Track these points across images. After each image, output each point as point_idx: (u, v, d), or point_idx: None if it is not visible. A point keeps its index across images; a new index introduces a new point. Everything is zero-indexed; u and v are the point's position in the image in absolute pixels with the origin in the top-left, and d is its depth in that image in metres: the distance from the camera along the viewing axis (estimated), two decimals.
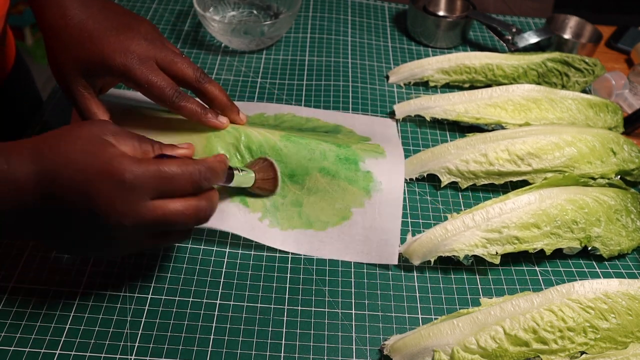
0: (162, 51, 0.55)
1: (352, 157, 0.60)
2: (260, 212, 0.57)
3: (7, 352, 0.46)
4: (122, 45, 0.52)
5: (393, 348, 0.48)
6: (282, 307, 0.52)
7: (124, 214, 0.42)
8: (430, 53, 0.87)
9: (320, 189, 0.58)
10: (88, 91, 0.54)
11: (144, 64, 0.53)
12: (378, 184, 0.59)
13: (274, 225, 0.57)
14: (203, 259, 0.55)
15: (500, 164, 0.62)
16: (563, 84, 0.79)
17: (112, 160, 0.41)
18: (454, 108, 0.71)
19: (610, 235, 0.58)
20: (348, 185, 0.58)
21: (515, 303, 0.49)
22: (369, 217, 0.57)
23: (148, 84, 0.53)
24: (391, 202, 0.58)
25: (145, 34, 0.55)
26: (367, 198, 0.58)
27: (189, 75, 0.56)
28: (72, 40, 0.52)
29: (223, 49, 0.82)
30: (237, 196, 0.57)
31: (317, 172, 0.58)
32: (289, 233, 0.57)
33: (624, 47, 0.93)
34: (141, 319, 0.49)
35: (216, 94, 0.57)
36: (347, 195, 0.58)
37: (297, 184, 0.58)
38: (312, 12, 0.91)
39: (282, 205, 0.58)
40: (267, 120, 0.68)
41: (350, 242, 0.57)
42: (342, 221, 0.57)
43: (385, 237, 0.57)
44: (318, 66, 0.80)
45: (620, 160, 0.65)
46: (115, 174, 0.41)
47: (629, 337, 0.49)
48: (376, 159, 0.61)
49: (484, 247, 0.55)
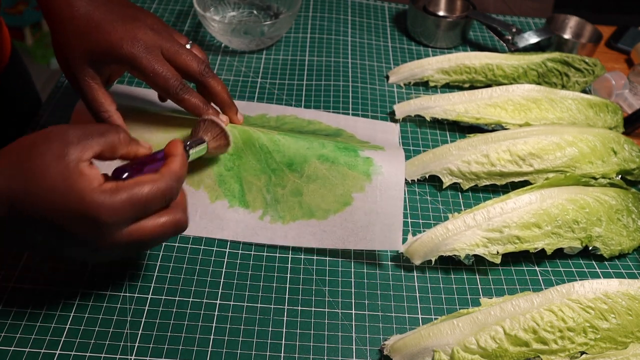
0: (168, 41, 0.55)
1: (351, 147, 0.60)
2: (261, 210, 0.57)
3: (7, 352, 0.46)
4: (129, 34, 0.52)
5: (393, 348, 0.48)
6: (282, 307, 0.52)
7: (101, 245, 0.42)
8: (430, 53, 0.87)
9: (320, 176, 0.58)
10: (95, 81, 0.54)
11: (150, 52, 0.53)
12: (378, 168, 0.58)
13: (275, 220, 0.57)
14: (203, 259, 0.55)
15: (502, 164, 0.62)
16: (563, 84, 0.79)
17: (84, 198, 0.40)
18: (454, 108, 0.71)
19: (611, 235, 0.58)
20: (348, 170, 0.58)
21: (515, 303, 0.49)
22: (371, 200, 0.57)
23: (153, 73, 0.53)
24: (393, 185, 0.57)
25: (151, 24, 0.55)
26: (368, 182, 0.57)
27: (193, 68, 0.56)
28: (79, 30, 0.52)
29: (223, 49, 0.82)
30: (235, 199, 0.57)
31: (315, 159, 0.58)
32: (290, 226, 0.56)
33: (624, 47, 0.93)
34: (141, 319, 0.49)
35: (218, 89, 0.57)
36: (348, 180, 0.57)
37: (296, 172, 0.58)
38: (312, 12, 0.91)
39: (283, 196, 0.57)
40: (268, 121, 0.68)
41: (353, 229, 0.56)
42: (343, 207, 0.57)
43: (388, 221, 0.56)
44: (318, 66, 0.80)
45: (621, 160, 0.65)
46: (90, 214, 0.40)
47: (629, 337, 0.49)
48: (375, 150, 0.61)
49: (485, 247, 0.55)
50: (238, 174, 0.58)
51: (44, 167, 0.40)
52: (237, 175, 0.58)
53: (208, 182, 0.58)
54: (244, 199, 0.57)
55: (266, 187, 0.58)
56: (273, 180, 0.58)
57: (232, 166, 0.58)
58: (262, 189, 0.58)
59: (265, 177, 0.58)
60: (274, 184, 0.58)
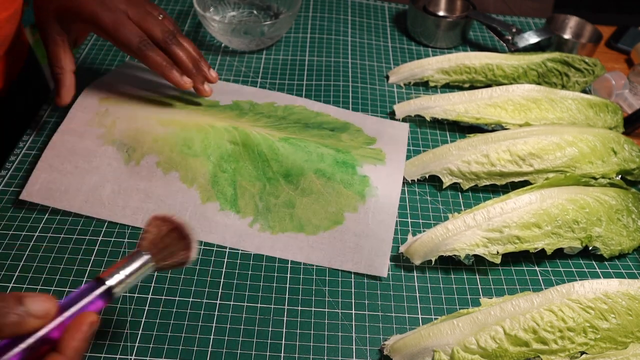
0: (135, 7, 0.59)
1: (350, 162, 0.59)
2: (252, 216, 0.57)
3: None
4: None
5: (393, 348, 0.48)
6: (282, 307, 0.52)
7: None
8: (430, 53, 0.87)
9: (315, 191, 0.57)
10: (61, 37, 0.59)
11: (113, 13, 0.57)
12: (374, 189, 0.58)
13: (264, 229, 0.56)
14: (203, 259, 0.55)
15: (502, 164, 0.62)
16: (563, 84, 0.79)
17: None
18: (454, 108, 0.71)
19: (611, 235, 0.58)
20: (343, 188, 0.58)
21: (515, 303, 0.49)
22: (362, 222, 0.56)
23: (114, 30, 0.57)
24: (386, 208, 0.58)
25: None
26: (362, 203, 0.57)
27: (157, 34, 0.59)
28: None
29: (223, 49, 0.82)
30: (226, 203, 0.57)
31: (312, 172, 0.58)
32: (279, 237, 0.56)
33: (624, 47, 0.93)
34: (141, 319, 0.49)
35: (180, 57, 0.60)
36: (342, 199, 0.57)
37: (291, 184, 0.58)
38: (312, 12, 0.91)
39: (275, 206, 0.57)
40: (275, 110, 0.67)
41: (341, 248, 0.55)
42: (334, 225, 0.56)
43: (376, 246, 0.55)
44: (318, 66, 0.80)
45: (621, 160, 0.65)
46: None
47: (629, 337, 0.49)
48: (375, 166, 0.60)
49: (485, 247, 0.55)
50: (233, 177, 0.58)
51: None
52: (231, 178, 0.58)
53: (201, 181, 0.58)
54: (236, 203, 0.57)
55: (260, 194, 0.58)
56: (267, 188, 0.58)
57: (228, 169, 0.58)
58: (255, 196, 0.57)
59: (260, 185, 0.58)
60: (268, 192, 0.58)
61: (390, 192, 0.59)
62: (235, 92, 0.71)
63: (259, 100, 0.69)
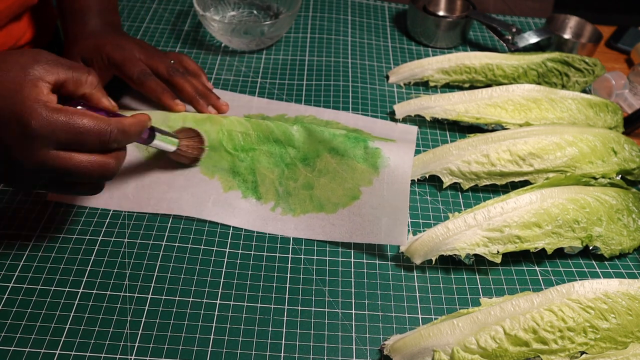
0: (146, 51, 0.65)
1: (362, 138, 0.61)
2: (273, 201, 0.59)
3: (7, 352, 0.46)
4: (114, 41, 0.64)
5: (393, 348, 0.48)
6: (282, 307, 0.52)
7: (25, 158, 0.43)
8: (430, 53, 0.87)
9: (330, 170, 0.59)
10: None
11: (125, 51, 0.63)
12: (386, 160, 0.59)
13: (286, 212, 0.58)
14: (203, 259, 0.55)
15: (502, 164, 0.62)
16: (563, 84, 0.79)
17: (24, 103, 0.42)
18: (454, 108, 0.71)
19: (611, 234, 0.58)
20: (357, 163, 0.59)
21: (515, 303, 0.49)
22: (378, 194, 0.58)
23: (122, 65, 0.62)
24: (399, 177, 0.58)
25: (140, 42, 0.66)
26: (376, 175, 0.58)
27: (161, 70, 0.65)
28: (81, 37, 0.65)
29: (223, 49, 0.82)
30: (248, 190, 0.59)
31: (327, 152, 0.60)
32: (300, 219, 0.58)
33: (624, 47, 0.93)
34: (141, 319, 0.49)
35: (182, 85, 0.65)
36: (356, 174, 0.59)
37: (308, 166, 0.60)
38: (312, 12, 0.91)
39: (294, 189, 0.59)
40: (286, 122, 0.69)
41: (361, 222, 0.57)
42: (351, 201, 0.58)
43: (393, 216, 0.57)
44: (318, 66, 0.80)
45: (622, 160, 0.65)
46: (23, 118, 0.41)
47: (629, 337, 0.49)
48: (385, 142, 0.61)
49: (486, 246, 0.55)
50: (252, 166, 0.60)
51: (6, 70, 0.43)
52: (250, 167, 0.60)
53: (222, 172, 0.60)
54: (257, 190, 0.59)
55: (279, 180, 0.60)
56: (286, 173, 0.60)
57: (247, 158, 0.60)
58: (274, 182, 0.60)
59: (278, 171, 0.60)
60: (287, 177, 0.60)
61: (403, 161, 0.59)
62: (245, 106, 0.72)
63: (270, 113, 0.70)
